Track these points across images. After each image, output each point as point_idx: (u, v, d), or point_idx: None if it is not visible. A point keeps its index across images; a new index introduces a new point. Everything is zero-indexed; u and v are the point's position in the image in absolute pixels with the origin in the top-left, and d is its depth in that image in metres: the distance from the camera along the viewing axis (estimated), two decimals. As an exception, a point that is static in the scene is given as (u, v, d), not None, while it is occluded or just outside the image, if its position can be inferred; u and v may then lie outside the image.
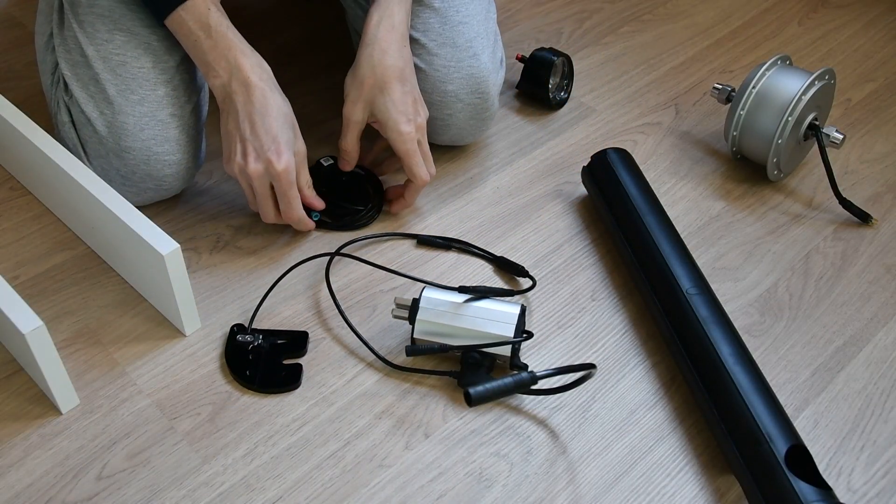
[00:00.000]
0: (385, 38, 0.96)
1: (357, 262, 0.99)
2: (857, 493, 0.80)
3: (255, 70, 0.92)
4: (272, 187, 0.93)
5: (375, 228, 1.03)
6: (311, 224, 0.98)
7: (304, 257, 0.99)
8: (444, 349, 0.85)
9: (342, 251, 0.99)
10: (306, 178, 0.95)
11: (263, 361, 0.87)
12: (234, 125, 0.91)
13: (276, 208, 0.95)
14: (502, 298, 0.89)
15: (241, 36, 0.94)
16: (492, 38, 1.07)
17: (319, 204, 0.98)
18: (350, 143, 0.99)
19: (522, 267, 0.97)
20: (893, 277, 1.00)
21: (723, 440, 0.80)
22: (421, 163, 0.98)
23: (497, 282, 0.98)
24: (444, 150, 1.13)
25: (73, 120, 0.96)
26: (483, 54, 1.03)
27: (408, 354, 0.85)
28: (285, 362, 0.88)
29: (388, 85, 0.95)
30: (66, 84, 0.96)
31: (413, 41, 1.01)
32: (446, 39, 1.02)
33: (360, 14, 1.05)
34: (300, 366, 0.87)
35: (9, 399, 0.84)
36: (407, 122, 0.96)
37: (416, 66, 1.02)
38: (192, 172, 1.00)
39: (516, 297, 0.95)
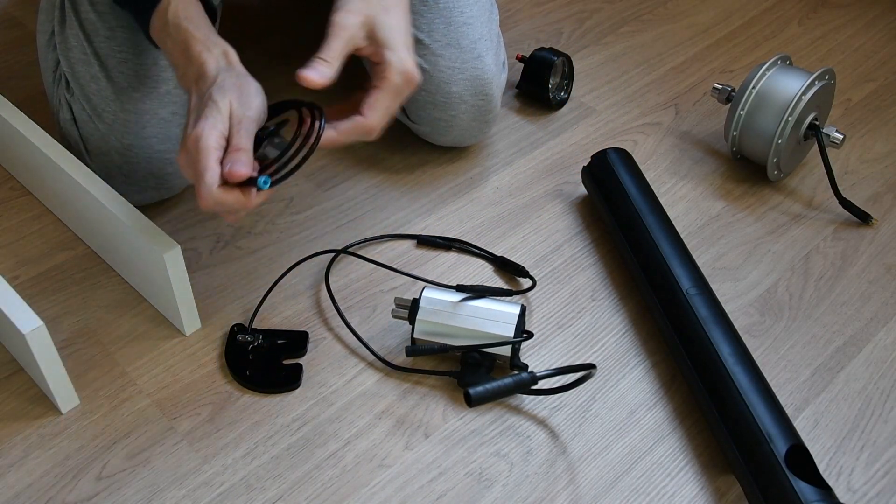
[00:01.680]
0: None
1: (357, 262, 0.99)
2: (857, 493, 0.80)
3: (210, 54, 0.77)
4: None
5: (375, 230, 1.03)
6: (237, 200, 0.74)
7: (304, 257, 0.99)
8: (445, 349, 0.85)
9: (343, 250, 0.99)
10: (234, 142, 0.73)
11: (263, 361, 0.87)
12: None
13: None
14: (502, 298, 0.89)
15: (206, 24, 0.80)
16: (495, 39, 1.07)
17: (235, 171, 0.72)
18: (334, 51, 0.79)
19: (522, 267, 0.97)
20: (893, 277, 1.00)
21: (723, 440, 0.80)
22: (388, 110, 0.80)
23: (497, 282, 0.98)
24: (445, 150, 1.13)
25: (75, 117, 0.96)
26: (487, 56, 1.03)
27: (408, 355, 0.85)
28: (285, 362, 0.88)
29: (394, 8, 0.81)
30: (67, 82, 0.96)
31: (417, 42, 1.01)
32: (451, 41, 1.01)
33: None
34: (300, 366, 0.87)
35: (9, 399, 0.84)
36: (410, 60, 0.80)
37: (420, 67, 1.02)
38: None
39: (516, 297, 0.95)
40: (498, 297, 0.89)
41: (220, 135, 0.73)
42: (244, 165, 0.72)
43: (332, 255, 0.99)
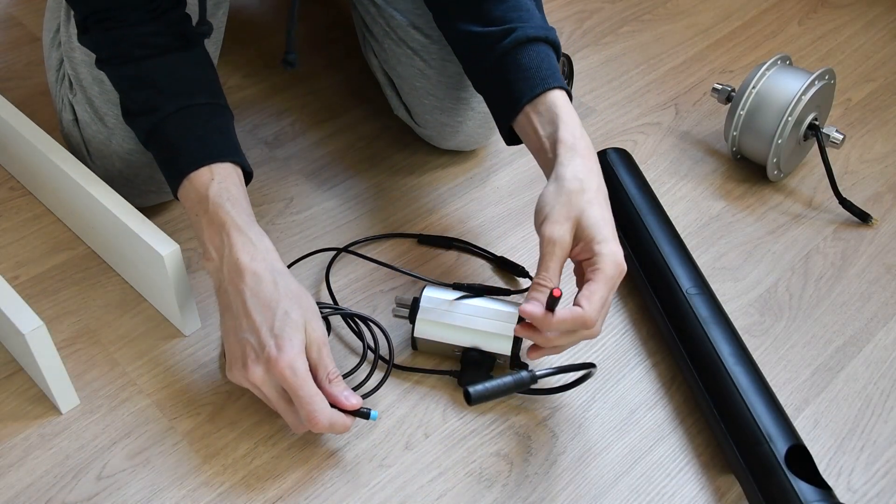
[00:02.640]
0: (585, 152, 0.80)
1: (358, 262, 0.99)
2: (857, 493, 0.80)
3: (246, 248, 0.76)
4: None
5: (375, 230, 1.03)
6: (346, 424, 0.76)
7: (304, 254, 0.98)
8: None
9: (345, 248, 0.99)
10: (328, 370, 0.76)
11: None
12: (231, 322, 0.76)
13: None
14: (502, 298, 0.89)
15: (248, 209, 0.79)
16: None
17: (349, 402, 0.76)
18: (552, 272, 0.76)
19: (522, 267, 0.97)
20: (893, 277, 1.00)
21: (723, 440, 0.80)
22: (604, 301, 0.75)
23: (497, 281, 0.98)
24: (446, 150, 1.13)
25: (77, 118, 0.96)
26: None
27: (414, 350, 0.85)
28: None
29: (595, 199, 0.78)
30: (70, 82, 0.96)
31: (426, 46, 1.00)
32: None
33: (372, 11, 1.04)
34: None
35: (9, 399, 0.84)
36: (618, 248, 0.76)
37: (428, 70, 1.01)
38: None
39: (516, 296, 0.95)
40: (498, 298, 0.88)
41: (306, 359, 0.75)
42: (354, 396, 0.77)
43: (333, 253, 0.99)
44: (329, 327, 0.90)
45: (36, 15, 1.33)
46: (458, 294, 0.88)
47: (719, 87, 1.14)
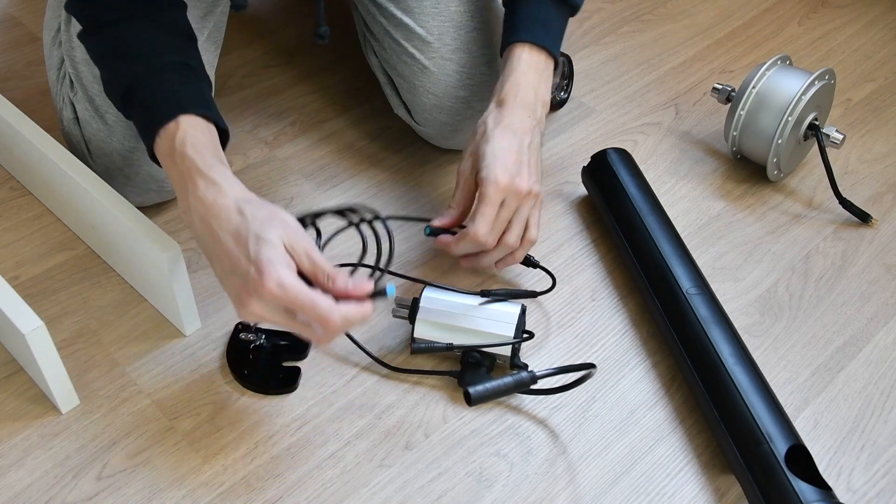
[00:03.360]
0: (511, 102, 0.90)
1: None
2: (857, 493, 0.80)
3: (209, 189, 0.75)
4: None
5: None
6: (363, 312, 0.73)
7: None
8: (449, 348, 0.85)
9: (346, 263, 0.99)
10: (325, 271, 0.73)
11: (263, 362, 0.87)
12: (217, 268, 0.75)
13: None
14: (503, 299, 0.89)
15: (214, 153, 0.78)
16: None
17: (360, 291, 0.73)
18: (457, 200, 0.90)
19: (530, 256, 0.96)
20: (893, 277, 1.00)
21: (723, 440, 0.80)
22: (490, 218, 0.85)
23: (498, 282, 0.98)
24: (446, 150, 1.13)
25: (78, 117, 0.96)
26: (496, 62, 1.03)
27: (412, 353, 0.85)
28: (285, 364, 0.88)
29: (494, 135, 0.87)
30: (71, 81, 0.96)
31: (427, 45, 1.01)
32: (461, 45, 1.01)
33: (373, 10, 1.04)
34: (298, 369, 0.87)
35: (9, 399, 0.84)
36: (504, 171, 0.85)
37: (429, 69, 1.01)
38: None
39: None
40: (499, 298, 0.88)
41: (293, 270, 0.72)
42: (362, 282, 0.73)
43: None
44: (319, 232, 0.85)
45: (36, 15, 1.33)
46: (458, 294, 0.87)
47: (719, 87, 1.13)
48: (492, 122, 0.89)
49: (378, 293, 0.74)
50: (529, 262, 0.95)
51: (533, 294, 0.93)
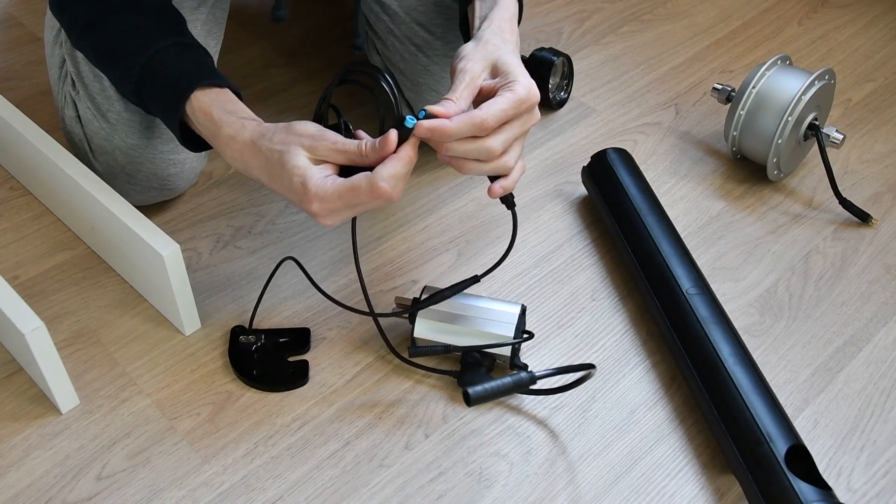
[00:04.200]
0: (509, 34, 0.83)
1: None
2: (857, 493, 0.80)
3: (229, 143, 0.79)
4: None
5: (375, 230, 1.03)
6: (406, 159, 0.74)
7: (304, 258, 0.99)
8: (447, 350, 0.85)
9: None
10: (357, 148, 0.74)
11: (269, 360, 0.87)
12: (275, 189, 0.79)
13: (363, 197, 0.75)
14: (503, 299, 0.89)
15: (223, 106, 0.81)
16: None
17: (391, 143, 0.74)
18: (458, 91, 0.77)
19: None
20: (893, 277, 1.00)
21: (723, 440, 0.80)
22: (504, 115, 0.75)
23: (498, 279, 0.98)
24: (444, 150, 1.13)
25: (80, 116, 0.96)
26: None
27: (411, 356, 0.85)
28: (290, 359, 0.88)
29: (515, 52, 0.81)
30: (73, 80, 0.96)
31: (429, 42, 1.00)
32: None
33: (376, 9, 1.04)
34: (306, 362, 0.87)
35: (9, 399, 0.84)
36: (536, 89, 0.77)
37: (429, 67, 1.01)
38: (197, 171, 1.00)
39: (517, 297, 0.95)
40: (498, 299, 0.88)
41: (329, 171, 0.75)
42: (389, 134, 0.74)
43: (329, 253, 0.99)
44: (338, 112, 0.83)
45: (36, 15, 1.33)
46: (458, 294, 0.87)
47: (719, 87, 1.13)
48: (500, 42, 0.80)
49: (402, 132, 0.74)
50: (509, 201, 0.83)
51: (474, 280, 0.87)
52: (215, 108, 0.80)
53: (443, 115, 0.74)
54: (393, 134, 0.73)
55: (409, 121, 0.73)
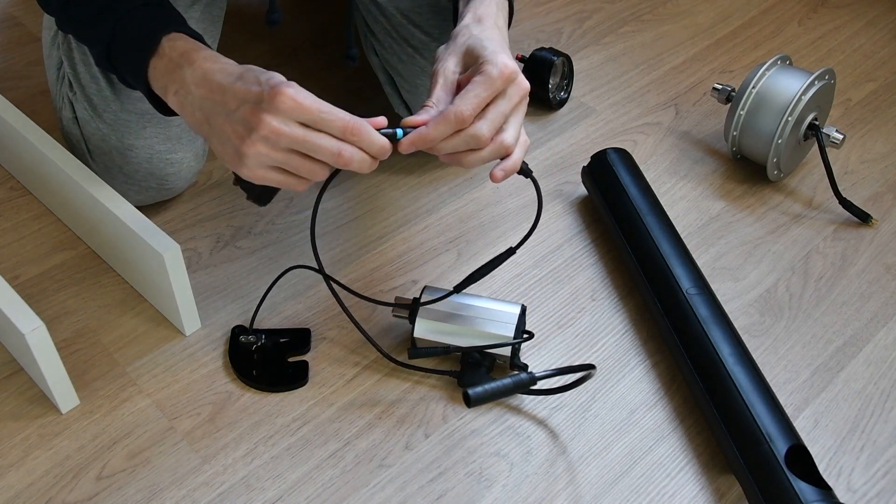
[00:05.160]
0: (488, 22, 0.81)
1: (358, 261, 0.99)
2: (857, 493, 0.80)
3: (203, 55, 0.74)
4: (294, 150, 0.70)
5: (375, 230, 1.03)
6: (383, 141, 0.72)
7: (304, 258, 0.99)
8: (447, 351, 0.85)
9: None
10: (340, 115, 0.70)
11: (269, 360, 0.87)
12: (217, 118, 0.72)
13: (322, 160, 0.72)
14: (503, 299, 0.89)
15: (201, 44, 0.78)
16: (504, 43, 1.06)
17: (378, 121, 0.72)
18: (436, 97, 0.75)
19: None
20: (893, 277, 1.00)
21: (723, 440, 0.80)
22: (478, 99, 0.72)
23: (497, 278, 0.98)
24: (444, 150, 1.13)
25: (77, 116, 0.96)
26: None
27: (410, 357, 0.85)
28: (290, 360, 0.88)
29: (485, 32, 0.78)
30: (70, 81, 0.96)
31: (427, 44, 1.00)
32: None
33: (374, 10, 1.04)
34: (306, 363, 0.87)
35: (9, 399, 0.84)
36: (510, 61, 0.75)
37: (427, 69, 1.01)
38: (195, 171, 1.00)
39: (517, 297, 0.95)
40: (498, 299, 0.88)
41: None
42: (378, 119, 0.72)
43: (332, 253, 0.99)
44: None
45: (36, 15, 1.33)
46: (458, 294, 0.87)
47: (719, 87, 1.13)
48: (476, 31, 0.79)
49: (389, 133, 0.73)
50: (526, 171, 0.80)
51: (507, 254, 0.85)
52: (194, 43, 0.76)
53: (420, 123, 0.73)
54: (381, 119, 0.72)
55: (399, 133, 0.73)
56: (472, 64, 0.76)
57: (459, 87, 0.76)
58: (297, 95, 0.68)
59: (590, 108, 1.22)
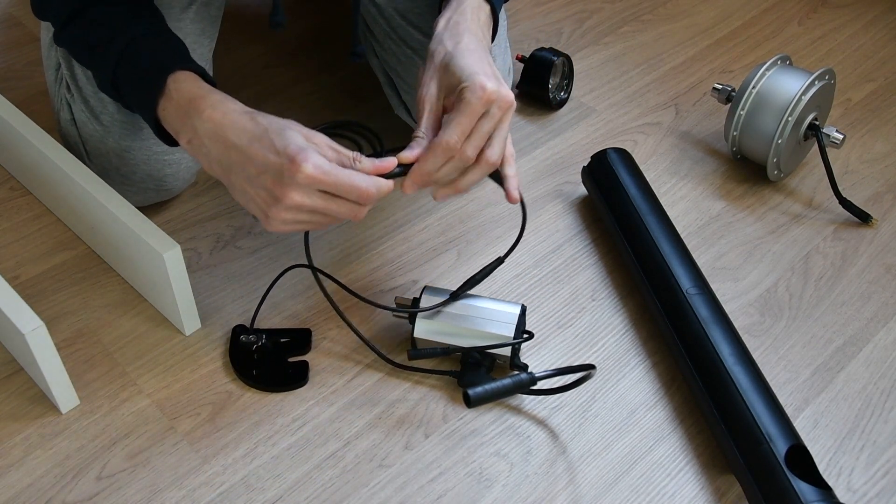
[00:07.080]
0: (463, 30, 0.83)
1: (357, 261, 0.99)
2: (857, 493, 0.80)
3: (215, 105, 0.76)
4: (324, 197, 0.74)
5: (375, 230, 1.03)
6: (388, 183, 0.76)
7: (304, 258, 0.99)
8: (447, 351, 0.85)
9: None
10: (349, 156, 0.75)
11: (269, 360, 0.87)
12: (239, 180, 0.75)
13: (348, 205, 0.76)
14: (502, 299, 0.89)
15: (208, 85, 0.79)
16: (503, 44, 1.06)
17: (385, 164, 0.76)
18: (424, 126, 0.79)
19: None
20: (893, 277, 1.00)
21: (723, 440, 0.80)
22: (464, 127, 0.76)
23: (497, 280, 0.98)
24: (444, 150, 1.12)
25: (75, 118, 0.96)
26: (497, 59, 1.03)
27: (410, 359, 0.85)
28: (290, 360, 0.88)
29: (460, 50, 0.79)
30: (67, 83, 0.96)
31: (424, 46, 1.00)
32: None
33: (373, 11, 1.04)
34: (306, 363, 0.87)
35: (9, 399, 0.84)
36: (489, 79, 0.76)
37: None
38: (192, 172, 1.00)
39: (517, 297, 0.95)
40: (499, 299, 0.88)
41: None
42: (386, 160, 0.77)
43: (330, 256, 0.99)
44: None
45: (36, 15, 1.33)
46: (458, 294, 0.88)
47: (719, 87, 1.13)
48: (451, 44, 0.80)
49: (394, 174, 0.77)
50: (497, 178, 0.83)
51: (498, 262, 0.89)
52: (198, 84, 0.78)
53: (413, 159, 0.77)
54: (393, 161, 0.77)
55: (400, 172, 0.78)
56: (454, 84, 0.78)
57: (446, 109, 0.80)
58: (315, 172, 0.71)
59: (590, 108, 1.22)
